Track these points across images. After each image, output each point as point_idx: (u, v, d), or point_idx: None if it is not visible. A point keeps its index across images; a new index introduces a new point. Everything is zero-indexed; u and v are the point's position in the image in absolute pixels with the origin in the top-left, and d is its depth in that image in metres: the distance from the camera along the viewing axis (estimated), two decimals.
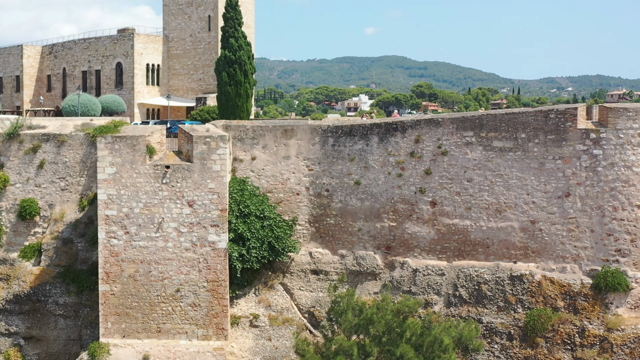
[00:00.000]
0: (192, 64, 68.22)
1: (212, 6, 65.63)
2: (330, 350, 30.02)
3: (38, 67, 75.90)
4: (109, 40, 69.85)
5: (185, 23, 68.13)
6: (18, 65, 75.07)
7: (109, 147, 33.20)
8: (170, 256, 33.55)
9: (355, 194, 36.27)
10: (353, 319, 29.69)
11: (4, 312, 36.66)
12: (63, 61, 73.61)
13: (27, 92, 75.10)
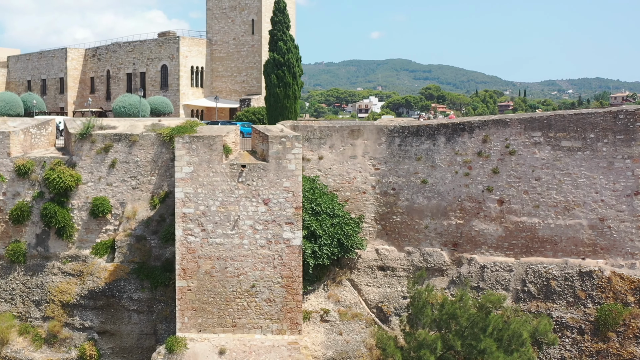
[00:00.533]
0: (236, 67, 68.31)
1: (256, 10, 65.69)
2: (412, 344, 30.05)
3: (81, 69, 76.18)
4: (154, 43, 70.01)
5: (229, 26, 68.21)
6: (62, 67, 75.32)
7: (186, 147, 33.23)
8: (245, 253, 33.55)
9: (422, 192, 36.24)
10: (433, 313, 29.69)
11: (78, 307, 36.72)
12: (107, 64, 73.81)
13: (71, 93, 75.34)
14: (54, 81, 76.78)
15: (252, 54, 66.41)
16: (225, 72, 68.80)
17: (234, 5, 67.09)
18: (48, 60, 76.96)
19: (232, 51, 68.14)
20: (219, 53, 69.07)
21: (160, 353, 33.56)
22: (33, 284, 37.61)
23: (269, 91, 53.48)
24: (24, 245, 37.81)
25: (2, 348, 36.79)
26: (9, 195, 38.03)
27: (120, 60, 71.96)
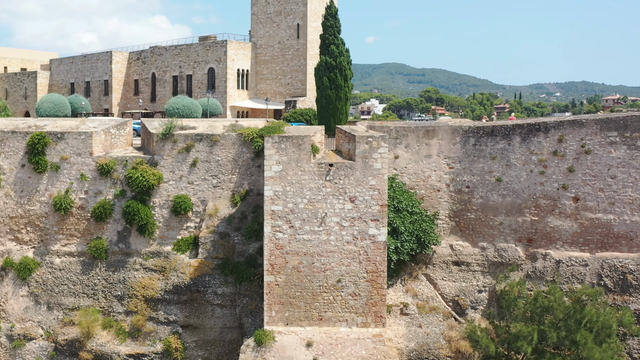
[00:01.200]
0: (280, 69, 68.28)
1: (301, 15, 65.70)
2: (504, 336, 30.11)
3: (125, 72, 76.03)
4: (200, 47, 69.95)
5: (274, 31, 68.19)
6: (107, 70, 75.24)
7: (275, 146, 33.22)
8: (332, 249, 33.55)
9: (497, 190, 36.28)
10: (526, 306, 29.74)
11: (162, 302, 36.68)
12: (152, 66, 73.74)
13: (116, 95, 75.28)
14: (98, 83, 76.68)
15: (297, 58, 66.40)
16: (269, 75, 68.80)
17: (279, 11, 67.09)
18: (92, 64, 76.87)
19: (276, 54, 68.13)
20: (264, 56, 69.05)
21: (249, 346, 33.54)
22: (115, 279, 37.56)
23: (321, 93, 53.46)
24: (106, 242, 37.78)
25: (88, 342, 36.75)
26: (91, 193, 38.01)
27: (166, 63, 71.90)
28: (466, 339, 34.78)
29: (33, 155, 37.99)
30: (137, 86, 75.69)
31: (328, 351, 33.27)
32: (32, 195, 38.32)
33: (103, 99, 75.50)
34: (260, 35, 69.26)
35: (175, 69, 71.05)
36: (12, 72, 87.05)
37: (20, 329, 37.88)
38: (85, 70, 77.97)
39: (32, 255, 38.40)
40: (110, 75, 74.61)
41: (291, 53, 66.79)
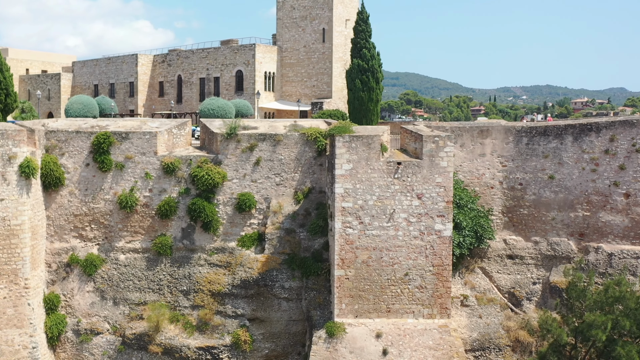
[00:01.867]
0: (306, 72, 68.21)
1: (327, 20, 65.75)
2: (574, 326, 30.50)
3: (150, 74, 75.40)
4: (228, 50, 69.61)
5: (299, 35, 68.12)
6: (132, 72, 74.55)
7: (346, 146, 33.32)
8: (400, 244, 33.73)
9: (549, 187, 36.74)
10: (597, 296, 30.18)
11: (230, 296, 36.57)
12: (178, 69, 73.26)
13: (141, 97, 74.63)
14: (123, 85, 75.94)
15: (323, 61, 66.39)
16: (295, 77, 68.70)
17: (305, 15, 67.04)
18: (117, 66, 76.09)
19: (302, 58, 68.06)
20: (289, 59, 68.94)
21: (320, 337, 33.62)
22: (180, 274, 37.37)
23: (354, 95, 53.60)
24: (170, 239, 37.60)
25: (156, 335, 36.56)
26: (155, 191, 37.78)
27: (193, 66, 71.45)
28: (524, 329, 35.32)
29: (98, 155, 37.63)
30: (162, 88, 75.09)
31: (397, 342, 33.47)
32: (96, 194, 37.96)
33: (128, 100, 74.82)
34: (286, 39, 69.14)
35: (203, 71, 70.63)
36: (34, 74, 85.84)
37: (87, 323, 37.56)
38: (109, 72, 77.15)
39: (96, 252, 38.07)
40: (136, 77, 73.93)
41: (317, 56, 66.77)
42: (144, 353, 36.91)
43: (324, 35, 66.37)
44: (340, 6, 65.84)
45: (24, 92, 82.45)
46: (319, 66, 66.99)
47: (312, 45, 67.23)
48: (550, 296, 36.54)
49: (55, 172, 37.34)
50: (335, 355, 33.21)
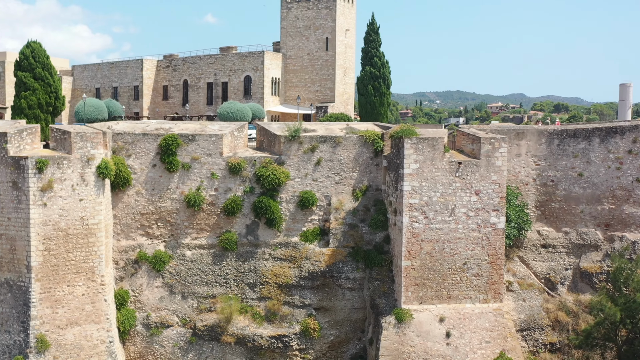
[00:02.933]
0: (309, 78, 68.50)
1: (330, 30, 66.30)
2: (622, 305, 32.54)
3: (154, 78, 73.85)
4: (237, 56, 69.05)
5: (303, 43, 68.35)
6: (137, 76, 72.81)
7: (413, 147, 34.37)
8: (460, 236, 35.08)
9: (578, 183, 38.89)
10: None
11: (297, 287, 36.97)
12: (184, 74, 72.09)
13: (146, 100, 73.01)
14: (127, 89, 73.97)
15: (326, 68, 66.90)
16: (298, 83, 68.86)
17: (309, 25, 67.35)
18: (121, 70, 74.01)
19: (305, 65, 68.31)
20: (293, 66, 69.04)
21: (390, 323, 34.58)
22: (246, 268, 37.47)
23: (366, 100, 54.71)
24: (235, 235, 37.64)
25: (228, 326, 36.54)
26: (221, 190, 37.74)
27: (200, 71, 70.43)
28: (562, 310, 37.34)
29: (166, 156, 37.25)
30: (166, 92, 73.67)
31: (458, 325, 34.79)
32: (163, 193, 37.57)
33: (133, 103, 73.08)
34: (290, 47, 69.26)
35: (210, 76, 69.83)
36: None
37: (156, 317, 37.16)
38: (112, 76, 75.04)
39: (163, 249, 37.68)
40: (141, 81, 72.29)
41: (320, 64, 67.23)
42: (215, 343, 36.85)
43: (327, 44, 66.92)
44: (342, 17, 66.63)
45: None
46: (322, 72, 67.52)
47: (316, 53, 67.71)
48: (581, 280, 38.74)
49: (123, 172, 36.74)
50: (404, 339, 34.24)
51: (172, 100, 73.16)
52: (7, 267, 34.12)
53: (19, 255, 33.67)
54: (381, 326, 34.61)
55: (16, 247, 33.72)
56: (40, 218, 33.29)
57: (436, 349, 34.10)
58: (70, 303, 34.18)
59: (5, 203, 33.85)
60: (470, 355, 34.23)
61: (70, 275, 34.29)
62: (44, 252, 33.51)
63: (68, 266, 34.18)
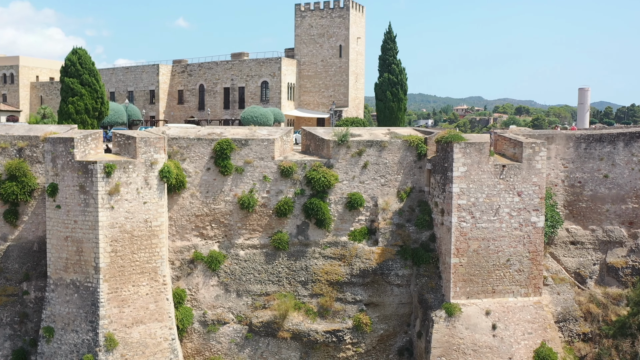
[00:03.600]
0: (323, 84, 68.93)
1: (344, 38, 66.86)
2: None
3: (169, 82, 73.27)
4: (254, 62, 69.05)
5: (317, 50, 68.77)
6: (153, 81, 72.15)
7: (462, 151, 35.24)
8: (503, 234, 36.08)
9: (604, 184, 40.29)
10: None
11: (348, 284, 37.51)
12: (200, 79, 71.70)
13: (162, 104, 72.42)
14: (143, 93, 73.18)
15: (340, 74, 67.45)
16: (312, 88, 69.22)
17: (322, 33, 67.78)
18: (136, 75, 73.16)
19: (319, 71, 68.71)
20: (307, 72, 69.37)
21: (440, 317, 35.40)
22: (297, 267, 37.88)
23: (384, 105, 55.49)
24: (286, 235, 37.99)
25: (284, 322, 36.90)
26: (273, 192, 38.05)
27: (217, 76, 70.15)
28: (592, 302, 38.67)
29: (221, 160, 37.42)
30: (181, 96, 73.20)
31: (502, 317, 35.80)
32: (217, 195, 37.74)
33: (149, 107, 72.40)
34: (304, 53, 69.59)
35: (227, 81, 69.62)
36: (44, 80, 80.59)
37: (213, 315, 37.32)
38: (127, 80, 74.16)
39: (217, 249, 37.84)
40: (157, 85, 71.66)
41: (334, 70, 67.76)
42: (270, 339, 37.16)
43: (340, 51, 67.52)
44: (354, 26, 67.27)
45: (35, 99, 77.59)
46: (335, 78, 68.08)
47: (330, 59, 68.22)
48: (607, 274, 40.16)
49: (179, 176, 36.79)
50: (454, 331, 35.10)
51: (187, 104, 72.84)
52: (74, 269, 33.95)
53: (87, 257, 33.53)
54: (432, 320, 35.41)
55: (83, 249, 33.57)
56: (108, 221, 33.22)
57: (483, 340, 35.06)
58: (136, 302, 34.18)
59: (72, 206, 33.68)
60: (515, 346, 35.29)
61: (135, 276, 34.29)
62: (111, 254, 33.45)
63: (133, 267, 34.18)
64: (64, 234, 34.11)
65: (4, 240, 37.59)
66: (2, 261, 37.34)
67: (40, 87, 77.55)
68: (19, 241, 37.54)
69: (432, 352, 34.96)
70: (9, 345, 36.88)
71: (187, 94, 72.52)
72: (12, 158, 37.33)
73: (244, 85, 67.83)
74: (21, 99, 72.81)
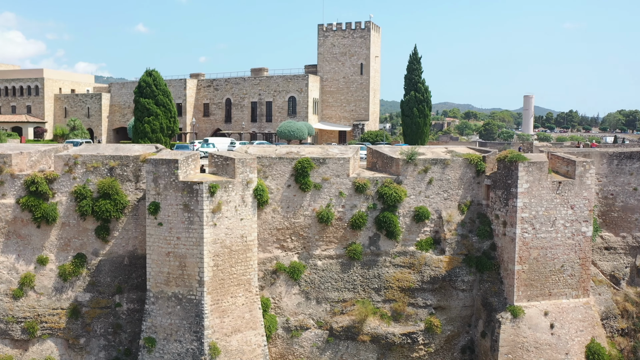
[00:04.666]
0: (345, 99, 70.02)
1: (365, 57, 68.15)
2: None
3: (195, 96, 72.95)
4: (281, 79, 69.56)
5: (339, 68, 69.84)
6: (180, 94, 71.62)
7: (525, 170, 37.27)
8: (559, 243, 38.31)
9: (634, 196, 43.10)
10: None
11: (419, 290, 38.99)
12: (227, 93, 71.62)
13: (189, 116, 72.03)
14: None
15: (361, 90, 68.68)
16: (335, 103, 70.20)
17: (344, 52, 68.90)
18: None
19: (341, 87, 69.78)
20: (329, 88, 70.32)
21: (507, 318, 37.32)
22: (370, 275, 39.17)
23: (411, 120, 57.16)
24: (360, 246, 39.21)
25: (363, 326, 38.16)
26: (347, 207, 39.22)
27: (245, 91, 70.25)
28: (627, 301, 41.37)
29: (301, 177, 38.37)
30: (206, 109, 72.98)
31: (558, 317, 38.03)
32: (297, 210, 38.66)
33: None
34: (326, 70, 70.56)
35: (255, 96, 69.85)
36: (66, 92, 78.57)
37: (295, 321, 38.23)
38: None
39: (297, 260, 38.76)
40: (185, 99, 71.21)
41: (355, 86, 68.95)
42: (349, 342, 38.35)
43: (361, 69, 68.87)
44: (373, 46, 68.72)
45: (59, 110, 75.81)
46: (357, 94, 69.37)
47: (351, 76, 69.49)
48: (637, 276, 42.98)
49: (265, 192, 37.58)
50: (518, 331, 37.12)
51: (213, 117, 72.83)
52: (176, 282, 34.38)
53: (190, 271, 34.03)
54: (498, 321, 37.32)
55: (186, 263, 34.04)
56: (211, 237, 33.82)
57: (544, 338, 37.21)
58: (234, 312, 34.88)
59: (175, 224, 34.11)
60: (570, 343, 37.58)
61: (233, 287, 34.99)
62: (213, 268, 34.06)
63: (231, 279, 34.86)
64: (166, 250, 34.48)
65: (95, 255, 37.60)
66: (95, 275, 37.37)
67: (64, 99, 75.75)
68: (110, 256, 37.61)
69: (500, 350, 36.88)
70: (103, 356, 36.99)
71: (212, 107, 72.48)
72: (103, 177, 37.37)
73: (271, 99, 68.41)
74: (46, 111, 71.12)
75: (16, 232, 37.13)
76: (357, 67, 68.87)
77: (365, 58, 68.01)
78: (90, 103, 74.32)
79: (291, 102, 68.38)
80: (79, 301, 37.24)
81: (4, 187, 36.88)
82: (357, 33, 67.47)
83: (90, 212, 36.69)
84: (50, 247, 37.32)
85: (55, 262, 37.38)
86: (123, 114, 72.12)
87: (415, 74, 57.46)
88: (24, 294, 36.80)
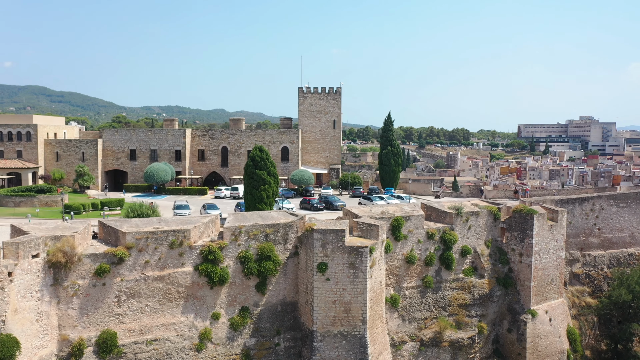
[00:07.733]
0: (321, 147, 75.17)
1: (337, 114, 74.32)
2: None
3: (190, 143, 71.69)
4: (275, 132, 72.11)
5: (315, 122, 74.80)
6: (179, 142, 69.83)
7: (538, 219, 49.37)
8: (551, 265, 51.21)
9: (568, 227, 58.20)
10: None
11: (472, 305, 48.75)
12: (223, 142, 71.70)
13: (187, 161, 70.61)
14: (168, 152, 69.76)
15: (334, 140, 74.48)
16: (312, 150, 74.72)
17: (320, 110, 74.03)
18: (161, 136, 68.90)
19: (318, 138, 74.65)
20: (308, 138, 74.67)
21: (528, 318, 49.17)
22: (438, 297, 47.95)
23: (388, 168, 66.35)
24: (431, 277, 47.69)
25: (443, 336, 46.72)
26: (422, 249, 47.37)
27: (241, 141, 70.97)
28: (574, 296, 56.24)
29: (397, 231, 45.51)
30: (202, 154, 71.97)
31: (552, 313, 51.06)
32: (393, 255, 45.73)
33: (175, 164, 69.62)
34: (305, 124, 74.99)
35: (251, 145, 71.45)
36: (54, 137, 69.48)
37: (397, 337, 45.35)
38: (150, 140, 69.51)
39: (392, 292, 45.83)
40: (184, 146, 69.62)
41: (329, 138, 74.64)
42: (434, 348, 46.57)
43: (334, 124, 75.22)
44: (343, 106, 75.71)
45: (50, 154, 67.69)
46: (330, 144, 75.46)
47: (326, 130, 75.35)
48: (573, 279, 58.13)
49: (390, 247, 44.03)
50: (535, 326, 49.22)
51: (208, 161, 72.91)
52: (341, 323, 39.28)
53: (354, 314, 39.24)
54: (523, 321, 48.91)
55: (351, 308, 39.20)
56: (369, 286, 39.52)
57: (547, 329, 49.79)
58: (378, 339, 40.90)
59: (341, 278, 39.03)
60: (559, 329, 50.82)
61: (376, 321, 40.97)
62: (370, 309, 39.77)
63: (375, 316, 40.80)
64: (332, 299, 39.11)
65: (256, 306, 40.20)
66: (257, 323, 40.06)
67: (56, 144, 67.67)
68: (267, 305, 40.52)
69: (527, 340, 48.51)
70: None
71: (208, 153, 72.40)
72: (261, 242, 40.14)
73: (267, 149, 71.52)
74: (39, 156, 63.85)
75: (193, 295, 38.02)
76: (331, 123, 75.54)
77: (337, 115, 75.02)
78: (85, 148, 68.12)
79: (284, 150, 72.40)
80: (247, 346, 39.50)
81: (184, 257, 37.59)
82: (330, 96, 74.14)
83: (256, 272, 39.29)
84: (220, 304, 38.91)
85: (225, 315, 39.06)
86: (117, 157, 68.21)
87: (389, 133, 66.67)
88: (205, 347, 38.01)
